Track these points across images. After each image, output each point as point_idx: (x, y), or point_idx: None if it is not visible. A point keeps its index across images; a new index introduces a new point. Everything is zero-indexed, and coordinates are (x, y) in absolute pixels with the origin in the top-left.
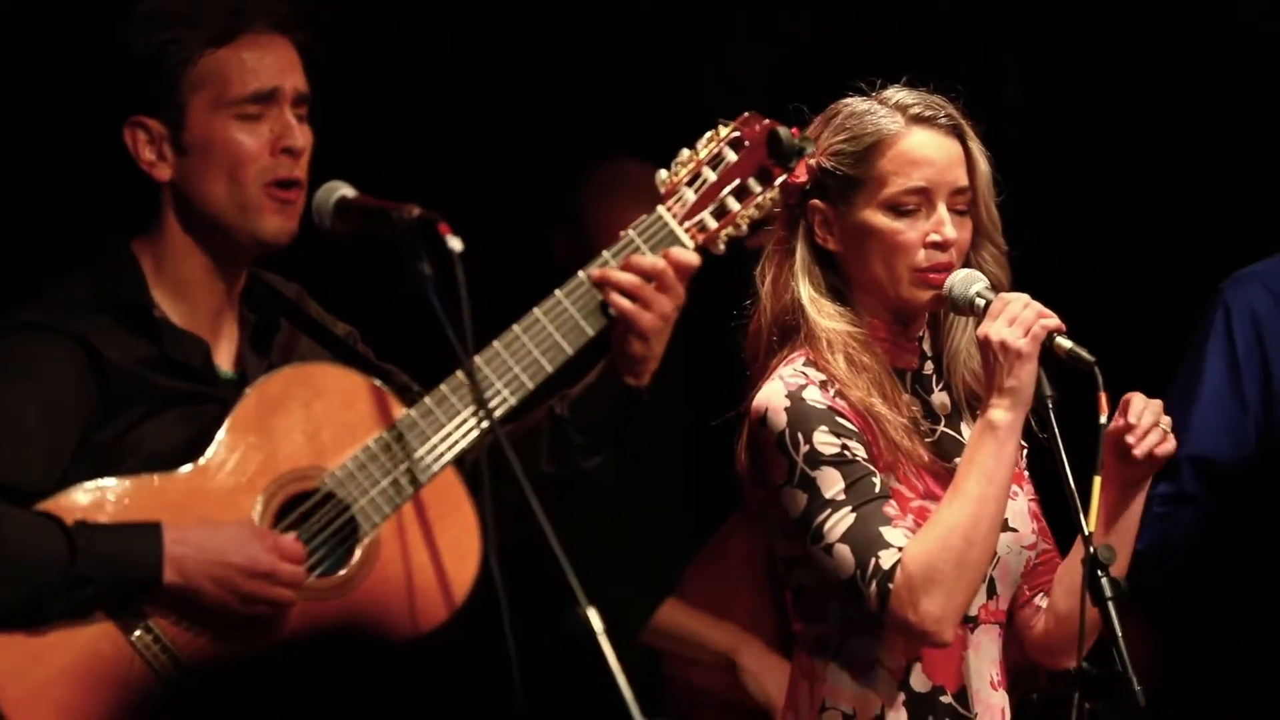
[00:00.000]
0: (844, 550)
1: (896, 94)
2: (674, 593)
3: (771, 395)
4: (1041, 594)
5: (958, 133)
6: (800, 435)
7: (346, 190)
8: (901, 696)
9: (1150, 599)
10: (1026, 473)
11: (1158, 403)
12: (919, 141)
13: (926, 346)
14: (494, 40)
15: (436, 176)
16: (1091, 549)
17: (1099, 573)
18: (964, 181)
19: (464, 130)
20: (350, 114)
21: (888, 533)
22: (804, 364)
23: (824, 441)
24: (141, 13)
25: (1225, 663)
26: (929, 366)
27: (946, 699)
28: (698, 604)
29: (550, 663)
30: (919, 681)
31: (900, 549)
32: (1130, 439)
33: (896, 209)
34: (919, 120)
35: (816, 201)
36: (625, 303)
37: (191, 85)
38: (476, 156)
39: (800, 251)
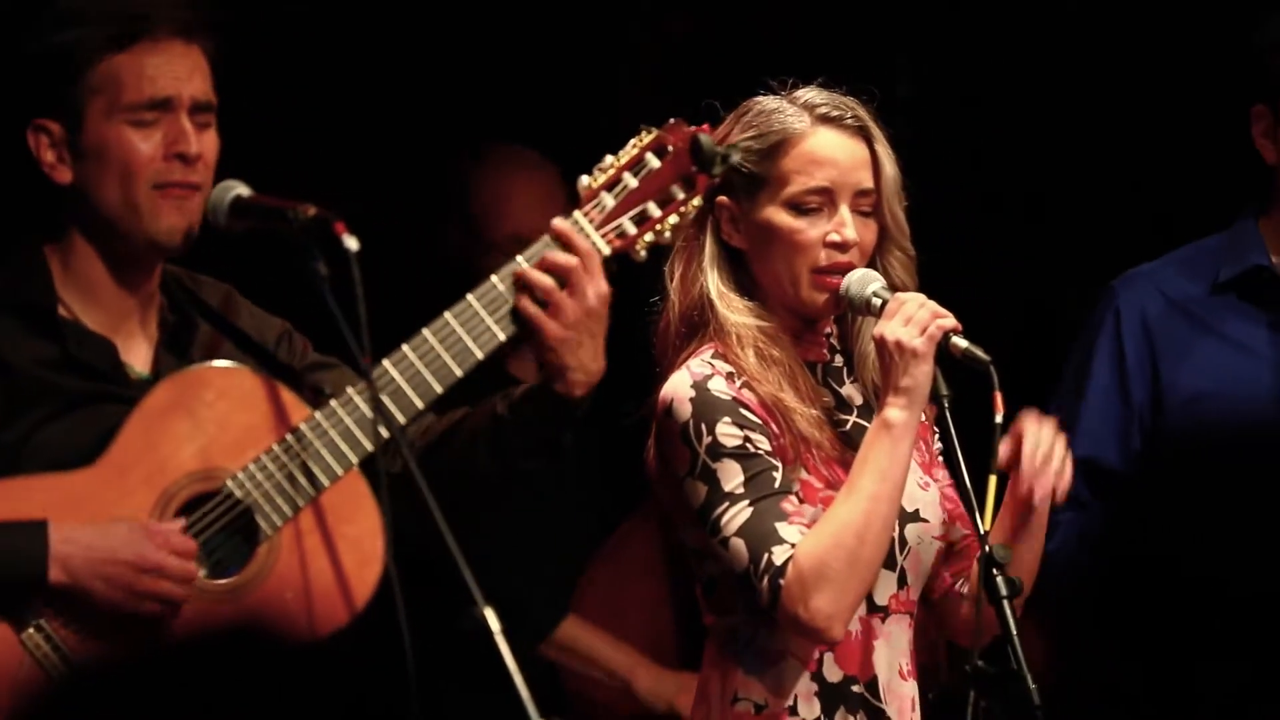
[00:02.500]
0: (739, 544)
1: (806, 94)
2: (573, 597)
3: (678, 386)
4: (963, 580)
5: (864, 134)
6: (704, 426)
7: (242, 189)
8: (813, 687)
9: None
10: (941, 458)
11: (1050, 436)
12: (823, 141)
13: (835, 340)
14: (381, 38)
15: (326, 172)
16: (987, 548)
17: (994, 571)
18: (868, 183)
19: (351, 126)
20: (247, 113)
21: (783, 529)
22: (712, 356)
23: (726, 433)
24: (46, 15)
25: (1119, 664)
26: (839, 359)
27: (858, 689)
28: (596, 606)
29: (447, 664)
30: (831, 671)
31: (794, 545)
32: (1025, 486)
33: (798, 208)
34: (825, 120)
35: (724, 198)
36: (532, 309)
37: (90, 89)
38: (363, 152)
39: (709, 247)
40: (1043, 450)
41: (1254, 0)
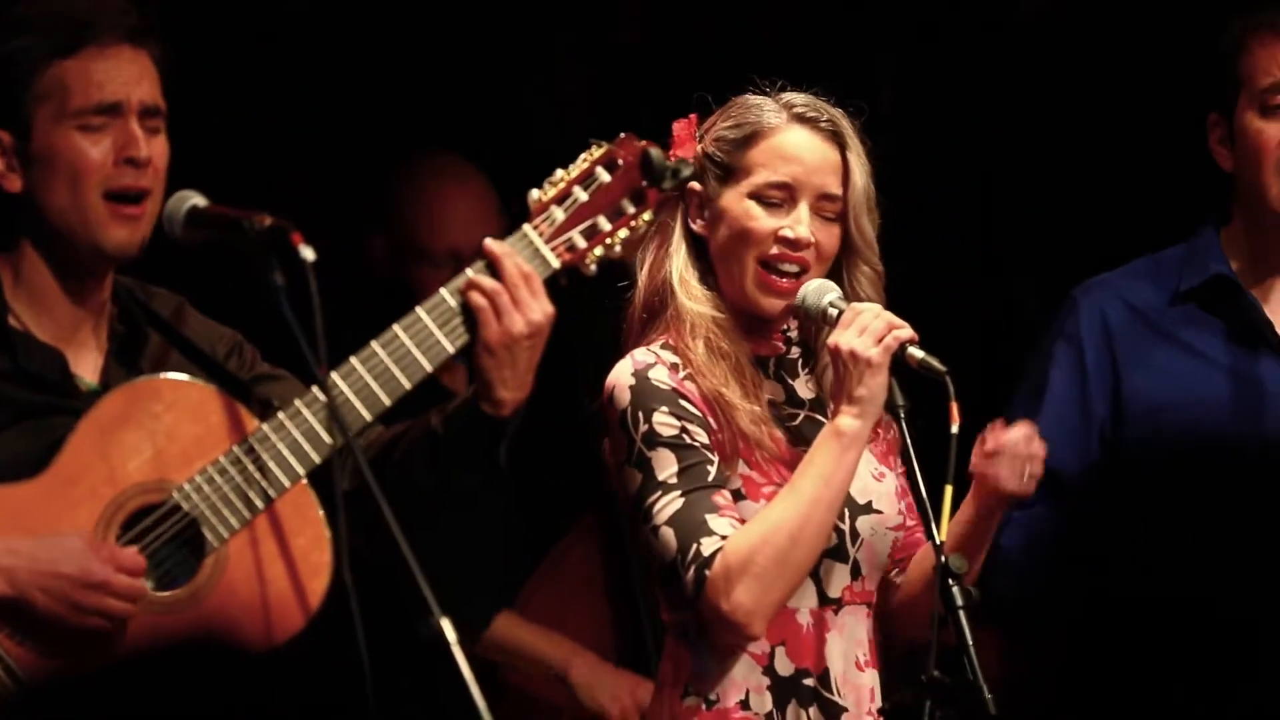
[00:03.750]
0: (669, 533)
1: (789, 94)
2: (512, 605)
3: (620, 373)
4: (899, 571)
5: (838, 140)
6: (641, 414)
7: (198, 199)
8: (765, 681)
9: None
10: (900, 452)
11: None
12: (794, 139)
13: (794, 333)
14: (314, 48)
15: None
16: (943, 558)
17: (950, 581)
18: (834, 189)
19: (279, 139)
20: (199, 123)
21: (713, 521)
22: (661, 346)
23: (663, 423)
24: None
25: (1077, 673)
26: (795, 351)
27: (810, 682)
28: (538, 618)
29: (403, 673)
30: (782, 665)
31: (723, 537)
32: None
33: (760, 199)
34: (800, 119)
35: (695, 185)
36: (481, 301)
37: (37, 96)
38: (292, 165)
39: (677, 233)
40: (1015, 436)
41: (1216, 8)
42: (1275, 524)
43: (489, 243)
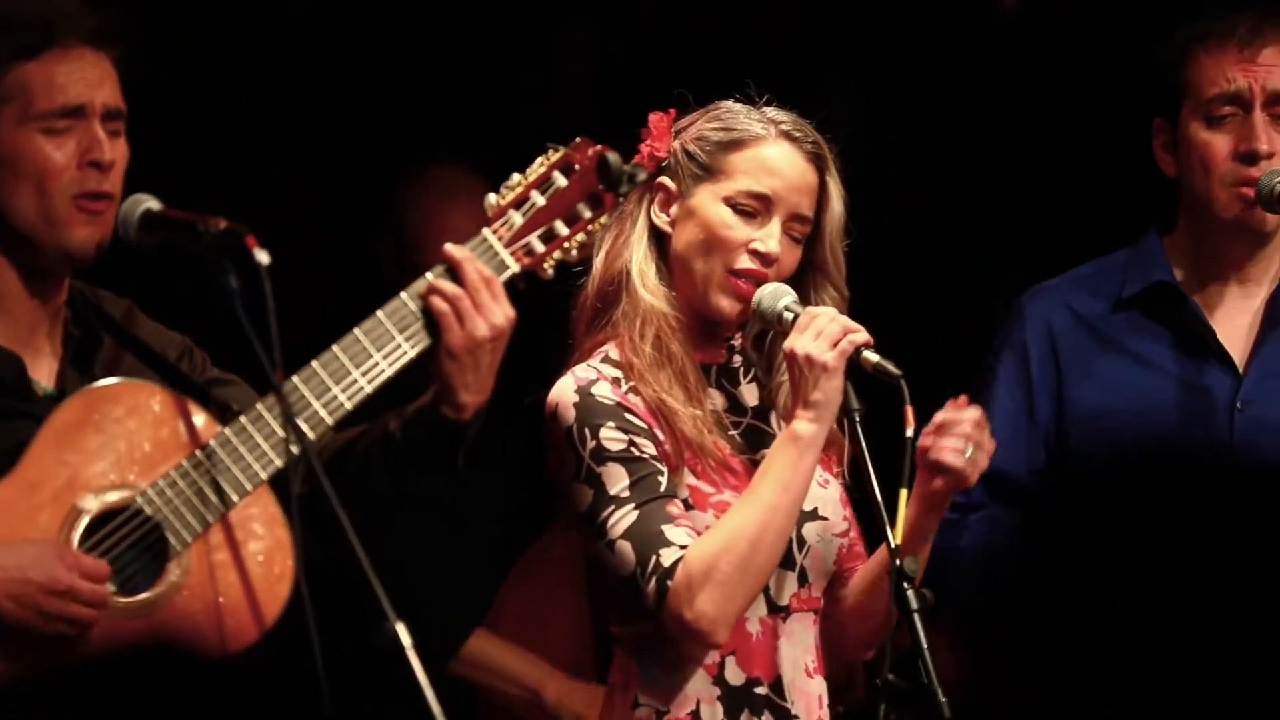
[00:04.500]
0: (625, 547)
1: (776, 110)
2: (491, 611)
3: (562, 391)
4: (843, 582)
5: (819, 163)
6: (587, 431)
7: (152, 203)
8: (716, 691)
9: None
10: (843, 464)
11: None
12: (778, 153)
13: (737, 341)
14: (314, 53)
15: (259, 190)
16: (898, 562)
17: (904, 585)
18: (807, 211)
19: (289, 143)
20: (170, 128)
21: (670, 531)
22: (601, 360)
23: (611, 438)
24: None
25: (1031, 676)
26: (737, 360)
27: (762, 690)
28: (515, 618)
29: (361, 680)
30: (733, 675)
31: (682, 547)
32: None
33: (734, 207)
34: (786, 136)
35: (665, 179)
36: (442, 306)
37: (0, 99)
38: (302, 169)
39: (639, 224)
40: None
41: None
42: (1219, 529)
43: (449, 247)
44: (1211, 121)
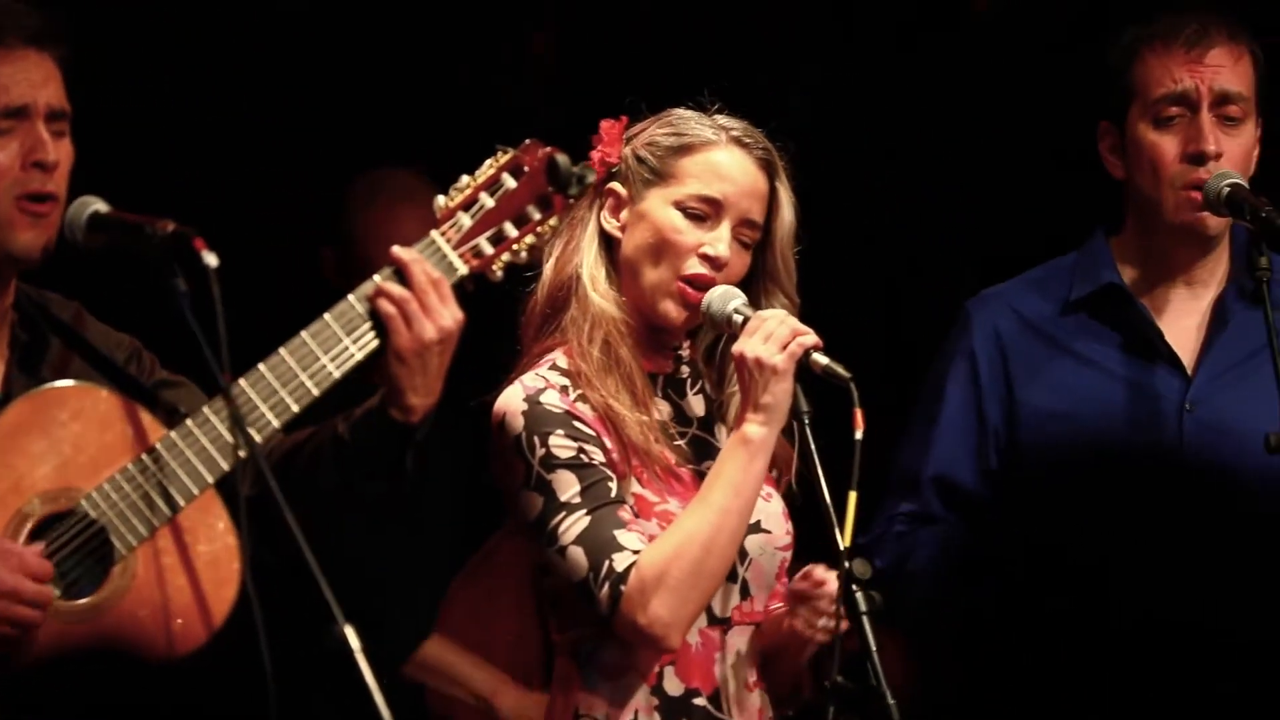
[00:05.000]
0: (578, 552)
1: (728, 118)
2: (439, 612)
3: (510, 400)
4: (781, 602)
5: (769, 170)
6: (536, 439)
7: (99, 205)
8: (654, 701)
9: (892, 617)
10: (790, 476)
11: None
12: (729, 158)
13: (685, 352)
14: (259, 58)
15: (201, 194)
16: (847, 564)
17: (854, 587)
18: (757, 216)
19: (237, 145)
20: (115, 130)
21: (622, 536)
22: (549, 368)
23: (560, 445)
24: None
25: (979, 678)
26: (685, 370)
27: (700, 701)
28: (462, 622)
29: (310, 683)
30: (672, 685)
31: (635, 552)
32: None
33: (684, 211)
34: (737, 142)
35: (616, 185)
36: (390, 308)
37: None
38: (244, 174)
39: (591, 228)
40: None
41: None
42: (1169, 531)
43: (396, 250)
44: (1159, 123)
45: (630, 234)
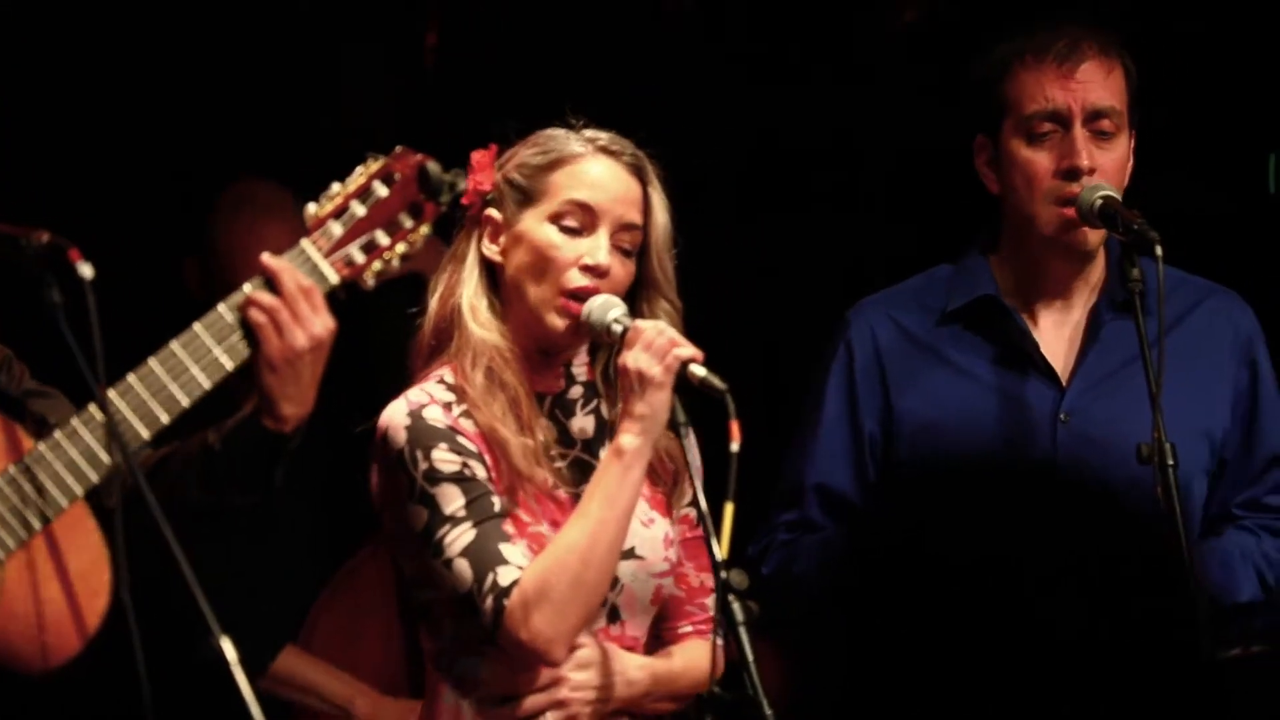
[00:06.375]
0: (463, 565)
1: (594, 130)
2: (303, 629)
3: (394, 414)
4: (670, 627)
5: (640, 175)
6: (419, 453)
7: None
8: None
9: (776, 625)
10: (684, 506)
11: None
12: (597, 167)
13: (576, 371)
14: (123, 69)
15: (67, 204)
16: (723, 574)
17: (730, 598)
18: (635, 219)
19: (95, 158)
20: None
21: (507, 549)
22: (436, 382)
23: (443, 459)
24: None
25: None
26: (575, 391)
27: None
28: (328, 637)
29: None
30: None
31: (519, 566)
32: None
33: (560, 224)
34: (605, 151)
35: (492, 211)
36: (261, 317)
37: None
38: (108, 186)
39: (470, 259)
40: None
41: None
42: (1042, 542)
43: (266, 258)
44: (1032, 139)
45: (510, 257)
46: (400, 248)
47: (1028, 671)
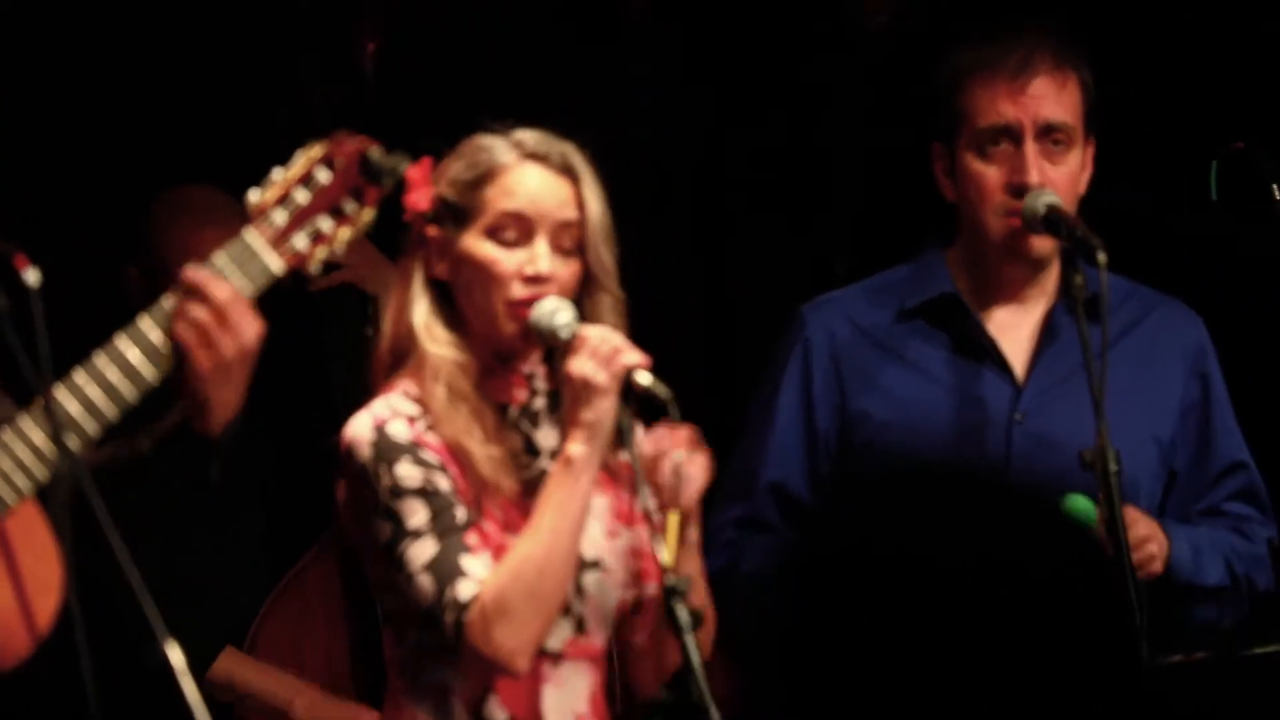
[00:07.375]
0: (425, 579)
1: (520, 132)
2: (248, 635)
3: (358, 428)
4: (637, 632)
5: (570, 174)
6: (383, 467)
7: None
8: None
9: (723, 626)
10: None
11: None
12: (526, 175)
13: (540, 382)
14: (65, 71)
15: (10, 209)
16: (669, 580)
17: (674, 603)
18: (569, 216)
19: (36, 162)
20: None
21: (467, 563)
22: (400, 395)
23: (407, 474)
24: None
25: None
26: (539, 402)
27: None
28: (272, 644)
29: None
30: (494, 711)
31: (480, 580)
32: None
33: (497, 237)
34: (532, 156)
35: (433, 229)
36: (188, 334)
37: None
38: (49, 192)
39: (418, 279)
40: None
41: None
42: (996, 540)
43: (189, 271)
44: (984, 152)
45: (456, 276)
46: (344, 233)
47: (969, 674)
